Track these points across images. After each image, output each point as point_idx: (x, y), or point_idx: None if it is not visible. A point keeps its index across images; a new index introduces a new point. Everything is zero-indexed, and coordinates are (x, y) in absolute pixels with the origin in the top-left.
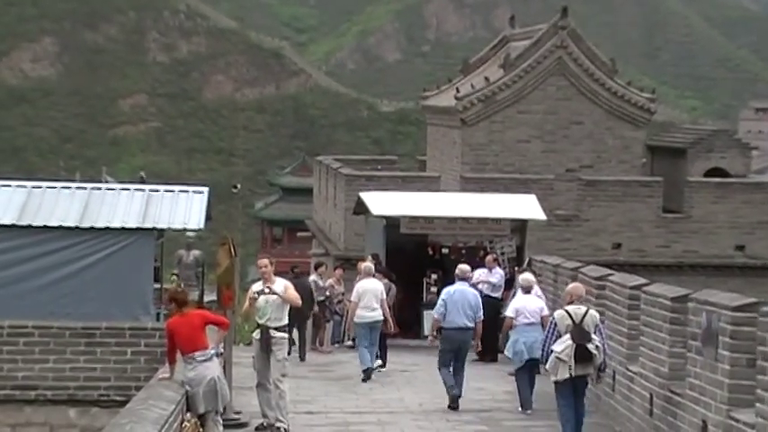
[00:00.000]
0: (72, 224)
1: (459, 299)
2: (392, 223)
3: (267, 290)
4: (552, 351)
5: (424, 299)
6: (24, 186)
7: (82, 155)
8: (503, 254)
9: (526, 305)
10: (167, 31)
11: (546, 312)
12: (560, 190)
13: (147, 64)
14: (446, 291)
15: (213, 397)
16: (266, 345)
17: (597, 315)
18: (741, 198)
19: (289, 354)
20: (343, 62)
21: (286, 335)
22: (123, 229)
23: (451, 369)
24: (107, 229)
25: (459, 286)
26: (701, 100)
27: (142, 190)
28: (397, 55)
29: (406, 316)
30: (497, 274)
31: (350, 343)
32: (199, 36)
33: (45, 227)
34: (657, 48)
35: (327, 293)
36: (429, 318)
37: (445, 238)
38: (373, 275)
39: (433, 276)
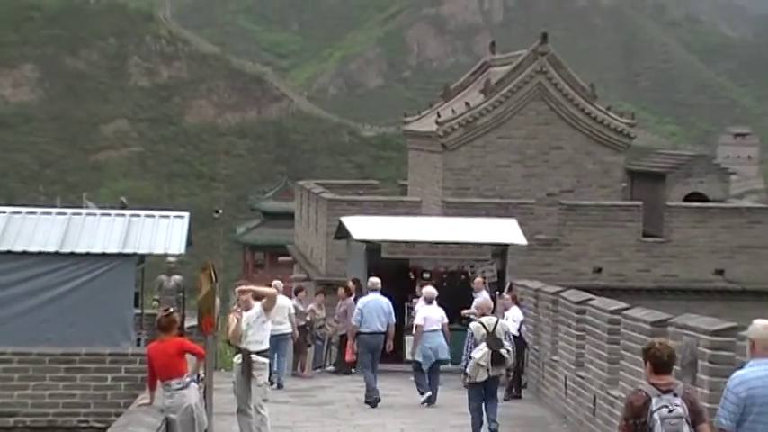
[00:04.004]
0: (52, 249)
1: (373, 306)
2: (373, 248)
3: (239, 310)
4: (471, 357)
5: (406, 323)
6: (4, 212)
7: (63, 180)
8: (484, 278)
9: (430, 314)
10: (149, 57)
11: (446, 320)
12: (541, 214)
13: (128, 89)
14: (361, 300)
15: (191, 425)
16: (247, 369)
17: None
18: (720, 223)
19: (270, 379)
20: (324, 87)
21: (267, 360)
22: (104, 254)
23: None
24: (87, 254)
25: (372, 296)
26: (680, 125)
27: (123, 215)
28: (379, 80)
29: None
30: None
31: (331, 368)
32: (180, 61)
33: (25, 252)
34: (637, 74)
35: (308, 318)
36: (410, 342)
37: (426, 262)
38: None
39: (415, 301)
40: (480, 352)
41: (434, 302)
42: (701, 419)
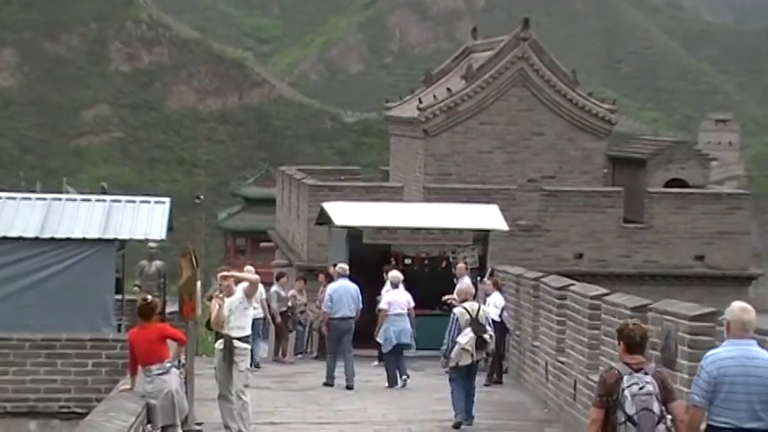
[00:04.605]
0: (32, 235)
1: (343, 293)
2: (355, 234)
3: (221, 294)
4: (457, 342)
5: None
6: None
7: (43, 165)
8: (466, 264)
9: (396, 298)
10: (130, 41)
11: (412, 304)
12: (522, 200)
13: (109, 74)
14: (330, 287)
15: (171, 410)
16: (229, 355)
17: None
18: (700, 209)
19: (251, 364)
20: (306, 73)
21: (248, 345)
22: (84, 239)
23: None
24: (68, 239)
25: (341, 282)
26: (661, 111)
27: (103, 200)
28: (360, 66)
29: (369, 326)
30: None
31: (313, 353)
32: (161, 46)
33: (5, 238)
34: (619, 60)
35: (290, 304)
36: None
37: (408, 248)
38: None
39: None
40: (466, 337)
41: (401, 287)
42: (671, 398)
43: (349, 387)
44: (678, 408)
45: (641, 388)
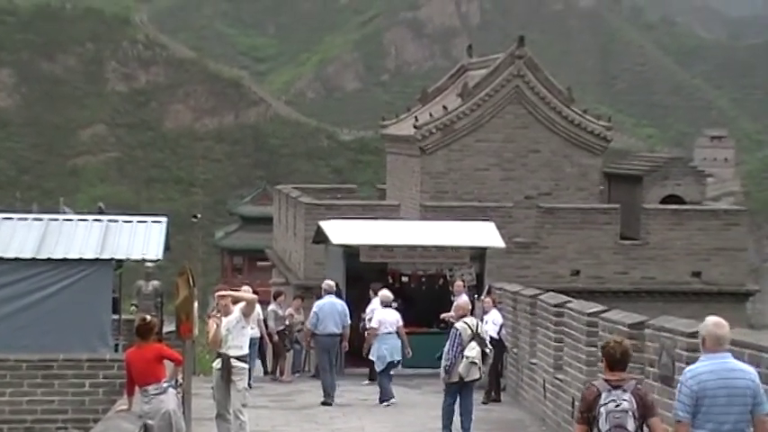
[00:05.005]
0: (29, 256)
1: (329, 309)
2: (352, 252)
3: (218, 314)
4: (465, 357)
5: None
6: None
7: (40, 186)
8: (463, 281)
9: (386, 317)
10: (126, 61)
11: (401, 323)
12: (519, 217)
13: (105, 94)
14: (317, 304)
15: (168, 430)
16: (226, 374)
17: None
18: (697, 225)
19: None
20: (302, 91)
21: (246, 365)
22: (81, 259)
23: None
24: (65, 260)
25: (327, 299)
26: (656, 128)
27: (100, 220)
28: (357, 84)
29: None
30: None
31: (311, 372)
32: (158, 66)
33: (1, 259)
34: (613, 76)
35: (287, 322)
36: None
37: (405, 266)
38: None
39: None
40: (474, 351)
41: (390, 306)
42: (651, 414)
43: (325, 403)
44: (656, 424)
45: (617, 405)
